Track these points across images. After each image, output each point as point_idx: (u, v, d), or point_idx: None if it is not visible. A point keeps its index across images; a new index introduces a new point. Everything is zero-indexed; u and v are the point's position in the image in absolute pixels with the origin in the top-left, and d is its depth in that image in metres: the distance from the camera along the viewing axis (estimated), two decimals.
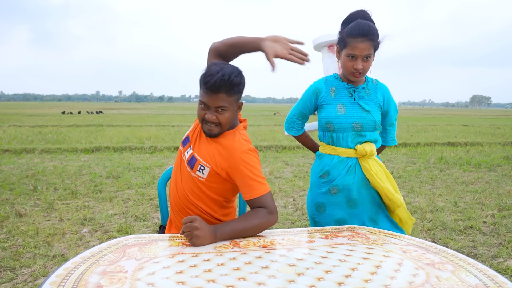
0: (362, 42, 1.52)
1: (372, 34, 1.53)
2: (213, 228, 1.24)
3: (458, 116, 40.04)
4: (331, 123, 1.65)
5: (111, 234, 3.20)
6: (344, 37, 1.57)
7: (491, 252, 2.96)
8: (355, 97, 1.67)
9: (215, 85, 1.31)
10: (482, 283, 0.96)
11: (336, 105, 1.66)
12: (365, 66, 1.57)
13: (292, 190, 4.89)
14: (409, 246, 1.24)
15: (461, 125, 19.72)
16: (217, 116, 1.37)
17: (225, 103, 1.36)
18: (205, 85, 1.33)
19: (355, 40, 1.53)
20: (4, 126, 14.01)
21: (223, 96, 1.34)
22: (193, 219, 1.21)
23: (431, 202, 4.39)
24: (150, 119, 21.30)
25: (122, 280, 0.94)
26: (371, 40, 1.53)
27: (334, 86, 1.70)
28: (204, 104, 1.37)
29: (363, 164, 1.68)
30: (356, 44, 1.53)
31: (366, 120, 1.65)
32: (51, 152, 7.83)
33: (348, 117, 1.64)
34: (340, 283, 0.95)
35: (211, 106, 1.36)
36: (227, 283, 0.94)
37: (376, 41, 1.56)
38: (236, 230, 1.28)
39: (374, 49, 1.58)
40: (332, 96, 1.69)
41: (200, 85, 1.37)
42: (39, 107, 45.83)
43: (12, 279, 2.40)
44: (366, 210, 1.73)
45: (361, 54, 1.54)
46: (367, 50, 1.54)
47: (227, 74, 1.31)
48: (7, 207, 3.86)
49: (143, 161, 6.95)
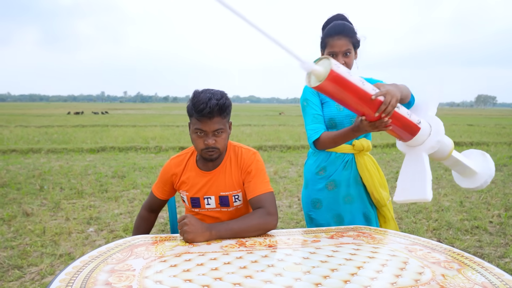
0: (338, 40, 1.60)
1: (347, 31, 1.60)
2: (208, 226, 1.29)
3: (463, 115, 39.79)
4: (334, 120, 1.68)
5: (117, 233, 3.22)
6: (323, 39, 1.66)
7: (497, 252, 2.94)
8: None
9: (211, 111, 1.35)
10: (488, 281, 0.96)
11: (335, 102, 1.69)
12: (347, 61, 1.63)
13: (297, 189, 4.89)
14: (415, 245, 1.25)
15: (466, 124, 19.60)
16: (215, 139, 1.40)
17: (221, 125, 1.40)
18: (200, 112, 1.35)
19: (332, 39, 1.61)
20: (10, 126, 14.14)
21: (218, 120, 1.38)
22: (185, 217, 1.28)
23: (436, 202, 4.37)
24: (155, 119, 21.38)
25: (130, 278, 0.95)
26: (347, 36, 1.60)
27: None
28: (201, 131, 1.39)
29: (358, 160, 1.71)
30: (334, 42, 1.61)
31: None
32: (57, 152, 7.89)
33: (347, 112, 1.67)
34: (346, 281, 0.95)
35: (209, 131, 1.39)
36: (234, 281, 0.95)
37: (353, 38, 1.62)
38: (233, 228, 1.31)
39: (354, 46, 1.64)
40: None
41: (191, 114, 1.39)
42: (45, 108, 46.14)
43: (20, 277, 2.42)
44: (361, 206, 1.74)
45: (340, 50, 1.61)
46: (345, 46, 1.61)
47: (218, 98, 1.37)
48: (14, 207, 3.89)
49: (148, 161, 6.98)
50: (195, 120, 1.38)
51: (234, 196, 1.50)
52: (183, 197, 1.56)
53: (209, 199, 1.50)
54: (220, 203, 1.50)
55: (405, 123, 1.34)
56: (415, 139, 1.39)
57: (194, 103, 1.37)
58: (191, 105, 1.38)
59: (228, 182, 1.49)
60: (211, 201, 1.50)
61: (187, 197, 1.53)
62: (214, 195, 1.50)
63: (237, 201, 1.51)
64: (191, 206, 1.54)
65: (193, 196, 1.51)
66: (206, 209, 1.52)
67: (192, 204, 1.53)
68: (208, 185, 1.50)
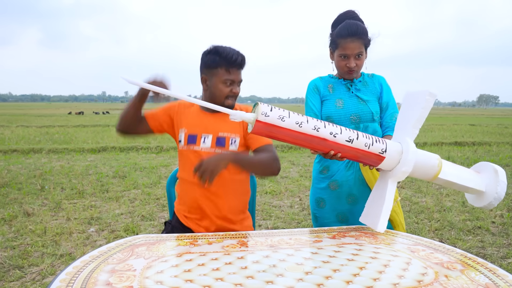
0: (352, 42, 1.58)
1: (361, 33, 1.58)
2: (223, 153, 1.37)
3: (465, 115, 39.72)
4: (331, 118, 1.67)
5: (118, 233, 3.21)
6: (335, 38, 1.63)
7: (500, 252, 2.93)
8: (353, 90, 1.69)
9: (242, 62, 1.51)
10: (492, 283, 0.96)
11: (335, 100, 1.69)
12: (358, 64, 1.62)
13: (298, 190, 4.88)
14: (417, 245, 1.24)
15: (468, 124, 19.56)
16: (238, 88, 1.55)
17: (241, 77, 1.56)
18: (233, 63, 1.48)
19: (345, 41, 1.59)
20: (12, 126, 14.16)
21: (241, 71, 1.54)
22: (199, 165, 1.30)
23: (438, 202, 4.35)
24: None
25: (131, 278, 0.94)
26: (360, 39, 1.58)
27: (332, 83, 1.74)
28: (231, 81, 1.51)
29: None
30: (347, 44, 1.59)
31: (363, 111, 1.67)
32: (58, 152, 7.90)
33: (346, 110, 1.66)
34: (348, 282, 0.94)
35: (236, 80, 1.52)
36: (235, 281, 0.94)
37: (365, 39, 1.61)
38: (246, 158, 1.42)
39: (365, 47, 1.63)
40: (330, 92, 1.72)
41: (218, 65, 1.49)
42: (47, 108, 46.22)
43: (21, 277, 2.42)
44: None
45: (352, 53, 1.59)
46: (357, 49, 1.59)
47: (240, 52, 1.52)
48: (15, 207, 3.89)
49: (149, 161, 6.98)
50: (223, 71, 1.49)
51: (232, 139, 1.54)
52: (180, 136, 1.58)
53: (206, 138, 1.54)
54: (217, 143, 1.53)
55: (361, 154, 1.27)
56: (381, 166, 1.32)
57: (225, 55, 1.47)
58: (219, 58, 1.48)
59: (229, 125, 1.55)
60: (208, 140, 1.54)
61: (185, 134, 1.56)
62: (212, 134, 1.54)
63: (233, 145, 1.54)
64: (186, 142, 1.56)
65: (191, 133, 1.55)
66: (200, 148, 1.54)
67: (188, 140, 1.56)
68: (209, 124, 1.55)
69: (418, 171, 1.33)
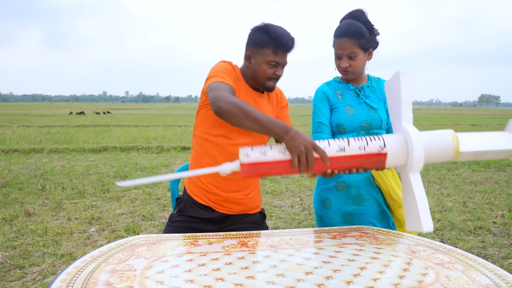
0: (343, 42, 1.56)
1: (352, 33, 1.54)
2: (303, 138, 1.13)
3: (466, 115, 39.70)
4: (342, 125, 1.65)
5: (119, 233, 3.22)
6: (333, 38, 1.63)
7: (501, 253, 2.93)
8: (362, 96, 1.68)
9: (292, 46, 1.46)
10: (493, 283, 0.95)
11: (345, 107, 1.67)
12: (353, 64, 1.59)
13: (299, 189, 4.88)
14: (418, 246, 1.23)
15: (470, 124, 19.55)
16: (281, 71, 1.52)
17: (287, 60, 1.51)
18: (283, 46, 1.43)
19: (337, 40, 1.58)
20: (13, 126, 14.18)
21: (287, 54, 1.49)
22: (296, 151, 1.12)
23: (439, 202, 4.35)
24: (156, 119, 21.41)
25: (132, 278, 0.94)
26: (352, 39, 1.55)
27: (340, 89, 1.71)
28: (276, 63, 1.46)
29: None
30: (339, 44, 1.58)
31: (373, 118, 1.66)
32: (59, 152, 7.91)
33: (357, 117, 1.64)
34: (349, 282, 0.94)
35: (282, 63, 1.48)
36: (236, 281, 0.94)
37: (360, 39, 1.56)
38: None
39: (362, 47, 1.58)
40: (339, 99, 1.69)
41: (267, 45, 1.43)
42: (47, 108, 46.28)
43: (22, 277, 2.42)
44: (372, 208, 1.71)
45: (343, 53, 1.58)
46: (348, 49, 1.56)
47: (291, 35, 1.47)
48: (16, 206, 3.90)
49: (150, 161, 6.98)
50: (271, 52, 1.44)
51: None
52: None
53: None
54: None
55: (360, 159, 1.17)
56: (390, 164, 1.19)
57: (275, 36, 1.41)
58: (269, 37, 1.42)
59: (267, 107, 1.57)
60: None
61: None
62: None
63: None
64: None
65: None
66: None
67: None
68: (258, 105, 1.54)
69: (434, 153, 1.19)
